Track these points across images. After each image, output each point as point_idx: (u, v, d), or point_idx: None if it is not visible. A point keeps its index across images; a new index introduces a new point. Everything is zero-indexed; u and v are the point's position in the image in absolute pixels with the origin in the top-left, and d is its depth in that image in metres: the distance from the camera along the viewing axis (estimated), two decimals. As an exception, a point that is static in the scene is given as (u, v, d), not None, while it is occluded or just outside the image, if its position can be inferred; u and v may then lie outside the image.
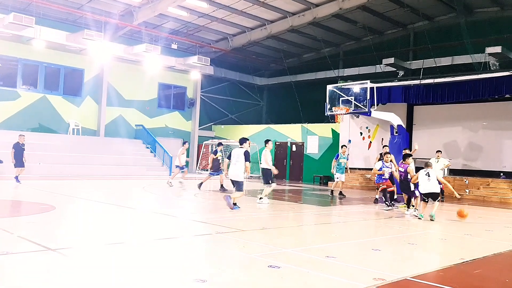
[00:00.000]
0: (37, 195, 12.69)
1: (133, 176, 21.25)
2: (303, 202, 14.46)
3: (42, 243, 6.19)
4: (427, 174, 11.05)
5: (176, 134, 28.00)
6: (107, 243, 6.66)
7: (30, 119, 22.16)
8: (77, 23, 22.51)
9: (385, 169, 12.49)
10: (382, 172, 12.41)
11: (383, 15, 23.01)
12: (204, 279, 4.83)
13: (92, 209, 10.80)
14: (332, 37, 26.38)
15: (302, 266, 5.59)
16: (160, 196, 14.70)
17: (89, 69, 24.08)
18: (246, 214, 10.59)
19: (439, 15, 23.01)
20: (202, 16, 23.31)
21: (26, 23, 18.37)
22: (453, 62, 21.89)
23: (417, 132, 23.05)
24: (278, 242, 7.23)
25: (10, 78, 21.98)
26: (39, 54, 22.07)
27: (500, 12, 21.09)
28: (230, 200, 10.51)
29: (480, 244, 8.05)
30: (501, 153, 20.46)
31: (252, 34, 25.39)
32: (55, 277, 4.83)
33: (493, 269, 6.28)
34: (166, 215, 10.23)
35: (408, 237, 8.34)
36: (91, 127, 24.41)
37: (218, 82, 29.94)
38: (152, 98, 26.82)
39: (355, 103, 18.65)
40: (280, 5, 22.04)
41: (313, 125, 25.41)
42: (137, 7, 21.91)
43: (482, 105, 20.86)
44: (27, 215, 9.51)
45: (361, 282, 5.00)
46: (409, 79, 20.95)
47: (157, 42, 23.83)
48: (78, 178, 18.75)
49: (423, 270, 5.66)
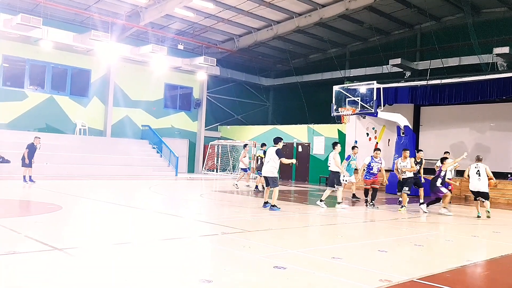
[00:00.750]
0: (44, 195, 12.76)
1: (140, 176, 21.32)
2: (309, 203, 14.43)
3: (49, 243, 6.22)
4: (477, 172, 11.25)
5: (182, 134, 28.06)
6: (114, 243, 6.69)
7: (37, 120, 22.30)
8: (84, 24, 22.63)
9: (373, 164, 12.85)
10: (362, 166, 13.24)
11: (390, 15, 22.93)
12: (210, 280, 4.83)
13: (98, 209, 10.84)
14: (338, 38, 26.33)
15: (308, 267, 5.58)
16: (166, 196, 14.74)
17: (96, 70, 24.19)
18: (252, 215, 10.60)
19: (446, 15, 22.90)
20: (209, 17, 23.34)
21: (33, 24, 18.48)
22: (461, 62, 21.77)
23: (424, 133, 22.95)
24: (283, 243, 7.22)
25: (18, 79, 22.13)
26: (47, 55, 22.20)
27: (508, 13, 20.95)
28: (273, 207, 11.02)
29: (487, 245, 8.00)
30: (509, 154, 20.31)
31: (258, 35, 25.40)
32: (62, 276, 4.85)
33: (500, 271, 6.24)
34: (172, 216, 10.25)
35: (414, 239, 8.30)
36: (98, 128, 24.51)
37: (224, 83, 29.97)
38: (158, 99, 26.90)
39: (361, 104, 18.60)
40: (286, 5, 22.02)
41: (319, 126, 25.36)
42: (144, 8, 21.99)
43: (490, 106, 20.72)
44: (34, 215, 9.57)
45: (367, 283, 4.98)
46: (416, 80, 20.85)
47: (163, 43, 23.90)
48: (84, 178, 18.84)
49: (429, 271, 5.63)
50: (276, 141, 11.34)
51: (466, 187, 18.71)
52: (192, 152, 28.68)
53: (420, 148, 22.45)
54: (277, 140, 11.37)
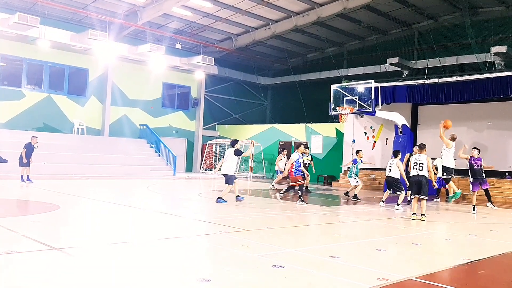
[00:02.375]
0: (42, 195, 12.73)
1: (138, 176, 21.30)
2: (307, 202, 14.42)
3: (46, 242, 6.21)
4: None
5: (180, 133, 28.04)
6: (112, 243, 6.68)
7: (35, 119, 22.25)
8: (81, 23, 22.59)
9: (301, 160, 12.97)
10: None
11: (387, 14, 22.96)
12: (208, 279, 4.83)
13: (96, 208, 10.82)
14: (336, 37, 26.35)
15: (306, 266, 5.58)
16: (164, 195, 14.72)
17: (94, 69, 24.15)
18: (250, 213, 10.60)
19: (444, 14, 22.94)
20: (206, 16, 23.33)
21: (31, 23, 18.44)
22: (458, 61, 21.83)
23: (422, 132, 22.96)
24: (282, 242, 7.22)
25: (15, 78, 22.08)
26: (44, 54, 22.15)
27: (505, 12, 20.99)
28: (220, 199, 11.92)
29: (485, 244, 8.01)
30: (506, 153, 20.34)
31: (256, 34, 25.39)
32: (60, 276, 4.84)
33: (498, 269, 6.25)
34: (170, 215, 10.24)
35: (412, 237, 8.31)
36: (96, 127, 24.48)
37: (222, 82, 29.96)
38: (156, 98, 26.87)
39: (359, 103, 18.58)
40: (284, 4, 22.03)
41: (317, 125, 25.37)
42: (142, 7, 21.96)
43: (487, 105, 20.75)
44: (31, 214, 9.55)
45: (365, 282, 4.98)
46: (413, 79, 20.87)
47: (161, 42, 23.88)
48: (82, 178, 18.81)
49: (427, 270, 5.64)
50: (233, 143, 12.56)
51: (463, 186, 18.80)
52: (190, 152, 28.67)
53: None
54: (234, 142, 12.63)
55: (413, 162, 11.03)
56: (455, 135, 13.67)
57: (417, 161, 10.88)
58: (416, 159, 10.97)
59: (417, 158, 10.99)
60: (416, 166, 10.86)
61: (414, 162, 10.96)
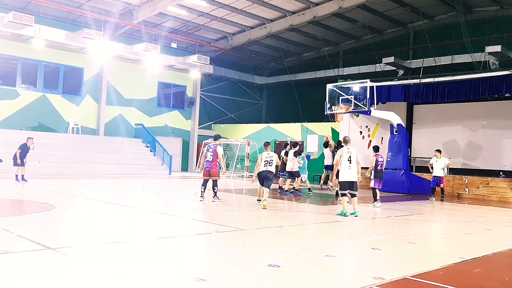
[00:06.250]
0: (37, 194, 12.67)
1: (133, 175, 21.25)
2: (302, 201, 14.45)
3: (42, 242, 6.19)
4: (349, 159, 9.62)
5: (175, 133, 27.99)
6: (107, 242, 6.66)
7: (30, 118, 22.14)
8: (76, 22, 22.49)
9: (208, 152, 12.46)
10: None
11: (383, 14, 23.00)
12: (204, 278, 4.83)
13: (92, 208, 10.79)
14: (332, 36, 26.37)
15: (302, 265, 5.59)
16: (160, 195, 14.70)
17: (89, 68, 24.05)
18: (246, 213, 10.60)
19: (439, 14, 23.00)
20: (202, 15, 23.28)
21: (25, 22, 18.33)
22: (453, 61, 21.91)
23: (417, 131, 23.04)
24: (277, 241, 7.22)
25: (10, 77, 21.95)
26: (39, 53, 22.03)
27: (500, 11, 21.07)
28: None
29: (480, 243, 8.05)
30: (501, 152, 20.44)
31: (252, 33, 25.37)
32: (55, 276, 4.82)
33: (493, 268, 6.28)
34: (166, 214, 10.23)
35: (408, 236, 8.34)
36: (91, 126, 24.39)
37: (218, 81, 29.93)
38: (151, 97, 26.81)
39: (355, 102, 18.62)
40: (279, 4, 22.02)
41: (313, 124, 25.39)
42: (137, 6, 21.89)
43: (482, 104, 20.85)
44: (27, 214, 9.50)
45: (361, 281, 5.00)
46: (409, 78, 20.95)
47: (156, 41, 23.81)
48: (77, 177, 18.74)
49: (423, 269, 5.66)
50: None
51: (458, 185, 18.87)
52: (186, 151, 28.62)
53: (413, 146, 22.62)
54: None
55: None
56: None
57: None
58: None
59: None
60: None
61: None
